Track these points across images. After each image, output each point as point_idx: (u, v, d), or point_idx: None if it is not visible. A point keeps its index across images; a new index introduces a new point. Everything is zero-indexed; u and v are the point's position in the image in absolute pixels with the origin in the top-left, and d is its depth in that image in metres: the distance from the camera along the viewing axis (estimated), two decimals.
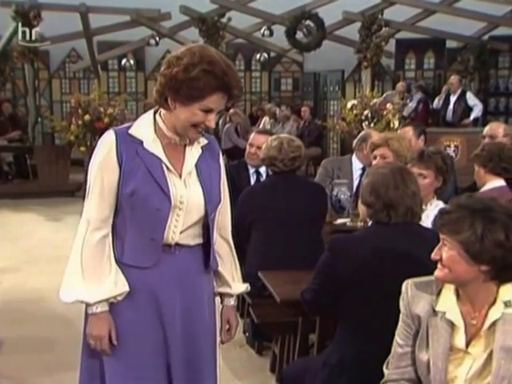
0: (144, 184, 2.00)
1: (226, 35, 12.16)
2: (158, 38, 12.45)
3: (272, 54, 14.15)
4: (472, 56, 12.63)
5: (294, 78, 15.12)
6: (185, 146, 2.10)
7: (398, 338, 2.01)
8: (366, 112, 9.31)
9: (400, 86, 11.56)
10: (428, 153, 3.27)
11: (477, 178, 3.71)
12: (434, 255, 1.90)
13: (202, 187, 2.08)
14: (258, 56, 13.90)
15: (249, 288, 2.36)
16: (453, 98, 10.42)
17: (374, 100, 9.49)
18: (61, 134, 10.33)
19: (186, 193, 2.05)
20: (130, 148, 2.01)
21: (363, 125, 9.22)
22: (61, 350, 4.10)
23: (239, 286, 2.32)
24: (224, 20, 11.99)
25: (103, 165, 2.02)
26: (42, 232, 7.57)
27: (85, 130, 9.28)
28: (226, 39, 12.40)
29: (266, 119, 12.33)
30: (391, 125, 9.04)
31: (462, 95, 10.26)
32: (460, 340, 1.89)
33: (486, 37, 12.70)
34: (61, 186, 10.04)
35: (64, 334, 4.28)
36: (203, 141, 2.15)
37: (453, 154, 8.13)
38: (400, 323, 2.01)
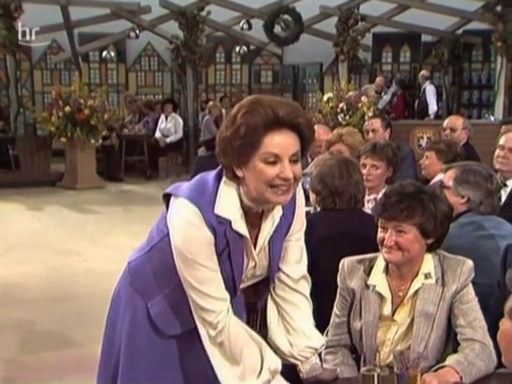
0: (220, 270, 1.81)
1: (205, 28, 12.32)
2: (138, 31, 12.58)
3: (252, 47, 14.32)
4: (446, 50, 12.87)
5: (274, 70, 15.26)
6: (262, 212, 1.83)
7: (335, 309, 2.28)
8: (341, 105, 9.49)
9: (379, 80, 11.81)
10: (380, 145, 3.54)
11: (428, 167, 3.92)
12: (388, 242, 2.07)
13: (270, 262, 1.90)
14: (237, 49, 14.06)
15: (324, 341, 2.07)
16: (421, 92, 10.73)
17: (350, 93, 9.71)
18: (42, 125, 10.45)
19: (253, 271, 1.89)
20: (219, 229, 1.75)
21: (339, 117, 9.45)
22: (40, 330, 4.35)
23: (319, 338, 2.04)
24: (203, 13, 12.13)
25: (199, 240, 1.75)
26: (23, 220, 7.73)
27: (65, 121, 9.45)
28: (206, 32, 12.55)
29: None
30: (366, 117, 9.26)
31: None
32: (387, 309, 2.17)
33: (459, 31, 12.93)
34: (42, 176, 10.22)
35: (43, 316, 4.54)
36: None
37: (425, 146, 8.36)
38: (337, 296, 2.27)
